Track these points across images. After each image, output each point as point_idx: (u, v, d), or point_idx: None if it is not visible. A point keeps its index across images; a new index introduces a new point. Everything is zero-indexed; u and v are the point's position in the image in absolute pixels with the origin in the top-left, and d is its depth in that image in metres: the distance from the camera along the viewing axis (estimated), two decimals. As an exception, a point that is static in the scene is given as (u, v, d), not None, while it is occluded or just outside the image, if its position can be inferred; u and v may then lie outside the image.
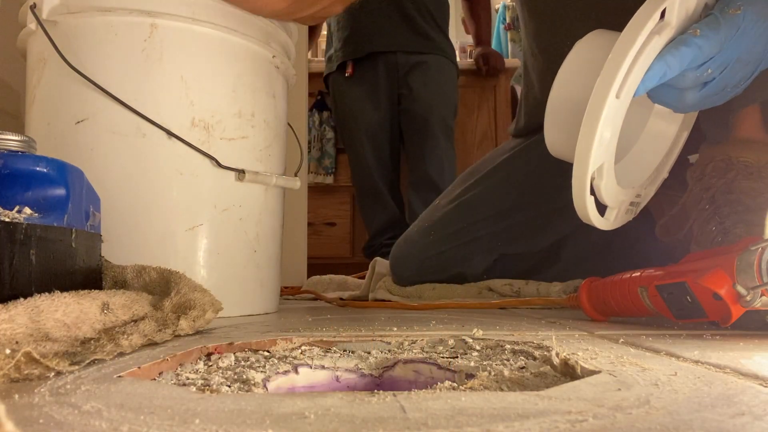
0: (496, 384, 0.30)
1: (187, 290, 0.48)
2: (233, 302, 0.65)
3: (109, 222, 0.55)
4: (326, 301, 0.99)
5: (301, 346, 0.41)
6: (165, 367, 0.33)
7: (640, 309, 0.53)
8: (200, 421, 0.20)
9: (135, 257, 0.56)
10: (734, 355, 0.35)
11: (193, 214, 0.62)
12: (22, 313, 0.33)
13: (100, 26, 0.60)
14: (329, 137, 2.29)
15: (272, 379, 0.34)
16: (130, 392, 0.25)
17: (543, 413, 0.21)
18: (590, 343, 0.40)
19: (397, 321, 0.57)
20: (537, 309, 0.77)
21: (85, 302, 0.38)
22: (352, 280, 1.31)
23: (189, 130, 0.61)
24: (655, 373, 0.29)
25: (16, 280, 0.37)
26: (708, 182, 0.63)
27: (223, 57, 0.64)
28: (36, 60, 0.63)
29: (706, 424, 0.20)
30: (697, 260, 0.47)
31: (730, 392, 0.24)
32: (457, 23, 2.78)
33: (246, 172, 0.64)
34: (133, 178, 0.60)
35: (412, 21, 1.78)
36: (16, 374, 0.27)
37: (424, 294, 0.95)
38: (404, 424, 0.20)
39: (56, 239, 0.41)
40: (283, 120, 0.76)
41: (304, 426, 0.19)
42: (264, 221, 0.69)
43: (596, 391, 0.24)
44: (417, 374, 0.38)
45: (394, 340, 0.42)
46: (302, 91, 1.50)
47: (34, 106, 0.63)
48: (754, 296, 0.41)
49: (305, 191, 1.53)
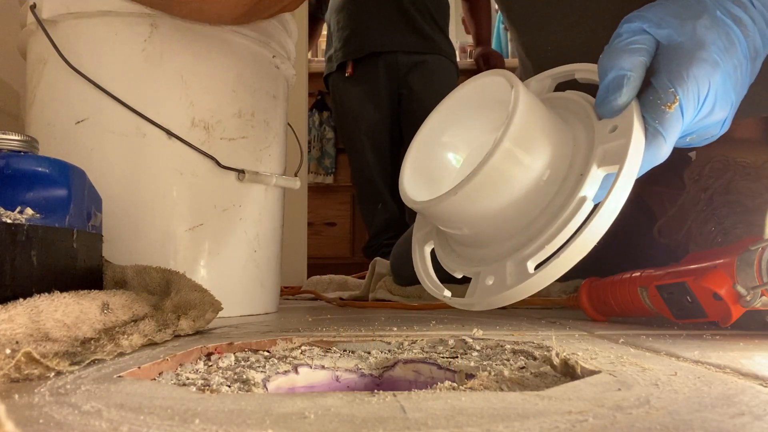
0: (496, 384, 0.30)
1: (187, 290, 0.48)
2: (233, 302, 0.65)
3: (109, 222, 0.55)
4: (326, 301, 0.99)
5: (301, 346, 0.41)
6: (165, 367, 0.33)
7: (640, 309, 0.53)
8: (200, 421, 0.20)
9: (135, 257, 0.56)
10: (734, 355, 0.35)
11: (193, 214, 0.62)
12: (22, 314, 0.33)
13: (100, 26, 0.60)
14: (329, 137, 2.29)
15: (272, 379, 0.34)
16: (130, 392, 0.25)
17: (543, 413, 0.21)
18: (590, 343, 0.40)
19: (397, 321, 0.57)
20: (537, 309, 0.77)
21: (85, 302, 0.38)
22: (352, 280, 1.31)
23: (189, 130, 0.61)
24: (655, 373, 0.29)
25: (17, 280, 0.37)
26: (705, 183, 0.63)
27: (223, 57, 0.64)
28: (36, 60, 0.63)
29: (706, 424, 0.20)
30: (697, 260, 0.47)
31: (730, 392, 0.24)
32: (457, 23, 2.78)
33: (246, 172, 0.64)
34: (133, 178, 0.60)
35: (413, 21, 1.78)
36: (17, 374, 0.27)
37: (424, 294, 0.95)
38: (404, 424, 0.20)
39: (57, 240, 0.41)
40: (283, 120, 0.76)
41: (304, 426, 0.19)
42: (264, 221, 0.69)
43: (596, 391, 0.24)
44: (417, 374, 0.38)
45: (394, 340, 0.42)
46: (302, 91, 1.50)
47: (34, 106, 0.63)
48: (754, 296, 0.41)
49: (305, 191, 1.53)
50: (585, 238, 0.35)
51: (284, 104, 0.76)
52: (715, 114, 0.39)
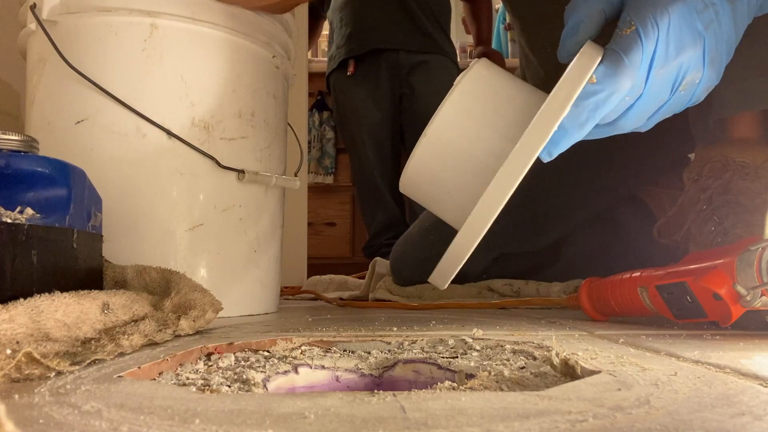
0: (496, 384, 0.30)
1: (187, 290, 0.48)
2: (233, 302, 0.65)
3: (109, 222, 0.55)
4: (326, 301, 0.99)
5: (301, 346, 0.41)
6: (165, 367, 0.33)
7: (640, 309, 0.53)
8: (200, 421, 0.20)
9: (135, 257, 0.56)
10: (734, 355, 0.35)
11: (193, 214, 0.62)
12: (22, 314, 0.33)
13: (100, 26, 0.60)
14: (329, 137, 2.29)
15: (272, 379, 0.34)
16: (130, 392, 0.25)
17: (543, 413, 0.21)
18: (590, 343, 0.40)
19: (397, 321, 0.57)
20: (537, 309, 0.77)
21: (85, 302, 0.38)
22: (352, 280, 1.31)
23: (189, 130, 0.61)
24: (655, 373, 0.29)
25: (17, 280, 0.37)
26: (705, 183, 0.63)
27: (224, 57, 0.64)
28: (36, 60, 0.63)
29: (706, 424, 0.20)
30: (697, 260, 0.47)
31: (730, 392, 0.24)
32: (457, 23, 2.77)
33: (246, 172, 0.64)
34: (133, 178, 0.60)
35: (416, 19, 1.78)
36: (17, 374, 0.27)
37: (424, 294, 0.95)
38: (404, 424, 0.20)
39: (58, 240, 0.41)
40: (283, 120, 0.76)
41: (304, 426, 0.19)
42: (264, 221, 0.69)
43: (596, 391, 0.24)
44: (417, 374, 0.38)
45: (394, 340, 0.42)
46: (302, 91, 1.50)
47: (34, 106, 0.63)
48: (754, 296, 0.41)
49: (305, 191, 1.53)
50: (503, 172, 0.34)
51: (284, 104, 0.76)
52: (687, 52, 0.40)
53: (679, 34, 0.39)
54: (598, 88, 0.38)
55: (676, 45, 0.39)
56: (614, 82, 0.38)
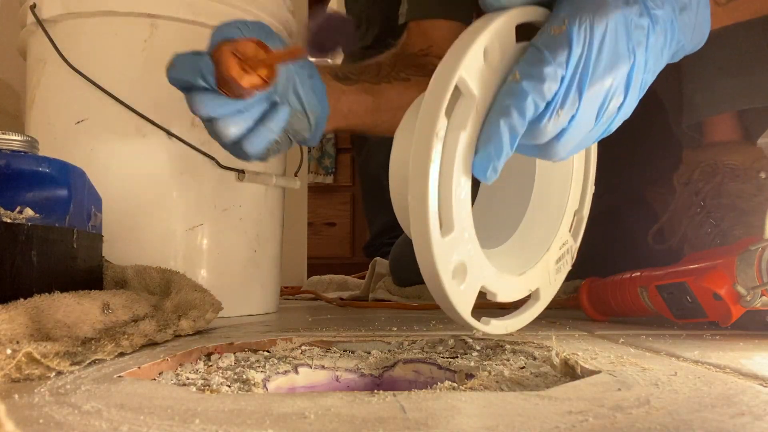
0: (496, 384, 0.30)
1: (187, 290, 0.48)
2: (233, 302, 0.65)
3: (109, 222, 0.55)
4: (326, 301, 0.99)
5: (301, 346, 0.41)
6: (165, 367, 0.33)
7: (640, 309, 0.53)
8: (200, 421, 0.20)
9: (135, 257, 0.56)
10: (734, 355, 0.35)
11: (193, 214, 0.62)
12: (22, 314, 0.33)
13: (100, 26, 0.60)
14: (329, 137, 2.29)
15: (272, 379, 0.34)
16: (130, 392, 0.25)
17: (543, 413, 0.21)
18: (590, 343, 0.40)
19: (397, 321, 0.57)
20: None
21: (85, 302, 0.38)
22: (352, 280, 1.31)
23: (189, 130, 0.61)
24: (655, 373, 0.29)
25: (18, 280, 0.37)
26: (696, 186, 0.63)
27: (224, 57, 0.64)
28: (36, 60, 0.63)
29: (706, 424, 0.20)
30: (697, 260, 0.47)
31: (730, 392, 0.24)
32: (457, 23, 2.77)
33: (246, 172, 0.64)
34: (133, 178, 0.60)
35: None
36: (17, 374, 0.27)
37: (424, 294, 0.95)
38: (404, 424, 0.20)
39: (58, 240, 0.41)
40: (284, 120, 0.76)
41: (304, 426, 0.19)
42: (264, 221, 0.69)
43: (596, 391, 0.24)
44: (417, 374, 0.38)
45: (394, 340, 0.42)
46: (302, 91, 1.50)
47: (35, 106, 0.63)
48: (754, 296, 0.41)
49: (305, 191, 1.53)
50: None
51: (284, 104, 0.76)
52: (619, 69, 0.37)
53: (616, 42, 0.36)
54: (523, 86, 0.35)
55: (612, 53, 0.36)
56: (537, 80, 0.35)
